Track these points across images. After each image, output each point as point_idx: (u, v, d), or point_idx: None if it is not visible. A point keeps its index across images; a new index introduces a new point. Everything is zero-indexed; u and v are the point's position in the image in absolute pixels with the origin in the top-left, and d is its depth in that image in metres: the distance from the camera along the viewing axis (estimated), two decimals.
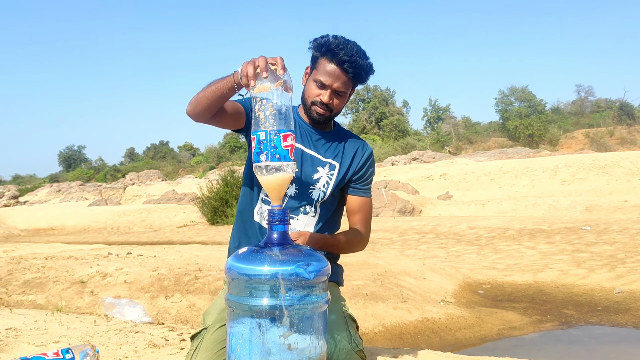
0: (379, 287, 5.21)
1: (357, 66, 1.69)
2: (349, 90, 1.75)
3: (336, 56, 1.67)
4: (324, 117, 1.76)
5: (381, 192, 16.53)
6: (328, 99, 1.72)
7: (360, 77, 1.72)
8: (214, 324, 1.62)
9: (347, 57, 1.67)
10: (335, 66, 1.69)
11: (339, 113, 1.81)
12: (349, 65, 1.68)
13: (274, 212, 1.33)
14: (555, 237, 8.70)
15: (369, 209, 1.87)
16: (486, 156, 34.35)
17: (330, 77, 1.69)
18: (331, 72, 1.69)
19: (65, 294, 4.97)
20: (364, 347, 1.71)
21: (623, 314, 4.85)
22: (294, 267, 1.24)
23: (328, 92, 1.71)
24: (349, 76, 1.70)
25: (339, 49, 1.67)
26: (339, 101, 1.75)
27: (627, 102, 49.68)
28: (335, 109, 1.76)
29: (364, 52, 1.71)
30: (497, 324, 4.71)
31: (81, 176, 50.93)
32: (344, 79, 1.70)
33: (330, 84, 1.70)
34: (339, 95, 1.74)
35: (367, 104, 55.98)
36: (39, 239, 15.73)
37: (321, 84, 1.71)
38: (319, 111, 1.74)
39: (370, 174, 1.88)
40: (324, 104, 1.73)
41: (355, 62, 1.68)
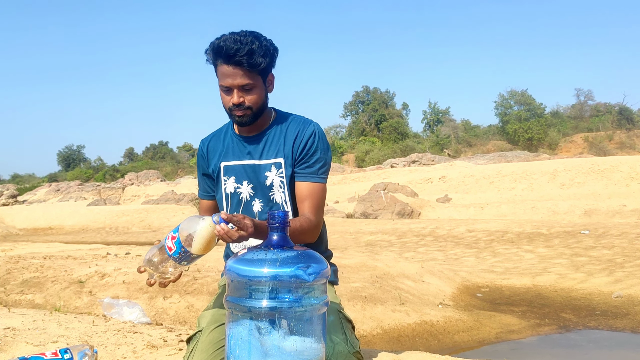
0: (377, 290, 5.21)
1: (246, 53, 1.61)
2: (257, 80, 1.67)
3: (223, 55, 1.63)
4: (248, 117, 1.70)
5: (380, 194, 16.53)
6: (237, 98, 1.67)
7: (256, 62, 1.63)
8: (209, 326, 1.62)
9: (231, 52, 1.61)
10: (226, 65, 1.64)
11: (263, 105, 1.73)
12: (239, 56, 1.62)
13: (274, 214, 1.34)
14: (553, 241, 8.70)
15: (318, 195, 1.72)
16: (485, 159, 34.38)
17: (228, 78, 1.65)
18: (226, 73, 1.65)
19: (64, 294, 4.96)
20: (362, 349, 1.72)
21: (621, 318, 4.86)
22: (294, 269, 1.25)
23: (235, 92, 1.66)
24: (243, 67, 1.63)
25: (220, 47, 1.63)
26: (251, 96, 1.68)
27: (626, 106, 49.80)
28: (253, 104, 1.69)
29: (252, 38, 1.64)
30: (496, 327, 4.71)
31: (80, 176, 50.90)
32: (240, 72, 1.64)
33: (231, 84, 1.66)
34: (248, 90, 1.67)
35: (367, 106, 56.01)
36: (37, 238, 15.72)
37: (226, 89, 1.68)
38: (238, 114, 1.69)
39: (314, 155, 1.73)
40: (237, 105, 1.67)
41: (241, 51, 1.61)
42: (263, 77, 1.70)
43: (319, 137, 1.74)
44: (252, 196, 1.76)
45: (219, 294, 1.82)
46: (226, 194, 1.79)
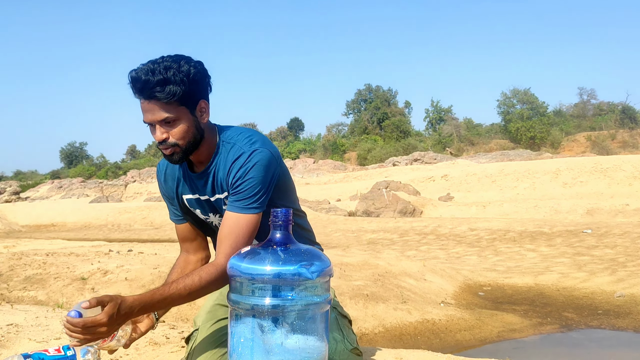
0: (379, 288, 5.21)
1: (155, 84, 1.42)
2: (179, 113, 1.47)
3: (135, 89, 1.46)
4: (178, 155, 1.51)
5: (382, 192, 16.53)
6: (160, 134, 1.48)
7: (171, 91, 1.43)
8: (205, 324, 1.62)
9: (140, 84, 1.44)
10: (142, 100, 1.47)
11: (194, 139, 1.52)
12: (146, 89, 1.44)
13: (277, 212, 1.34)
14: (556, 240, 8.69)
15: (236, 226, 1.48)
16: (487, 158, 34.33)
17: (147, 113, 1.47)
18: (144, 108, 1.48)
19: (66, 291, 4.97)
20: (364, 348, 1.72)
21: (623, 317, 4.85)
22: (297, 267, 1.25)
23: (156, 128, 1.48)
24: (160, 100, 1.44)
25: (133, 79, 1.46)
26: (175, 130, 1.48)
27: (629, 105, 49.67)
28: (179, 139, 1.49)
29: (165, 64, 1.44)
30: (497, 326, 4.71)
31: (82, 173, 50.99)
32: (156, 106, 1.45)
33: (151, 120, 1.47)
34: (169, 124, 1.47)
35: (369, 105, 55.96)
36: (40, 235, 15.76)
37: (149, 125, 1.50)
38: (166, 152, 1.51)
39: (239, 182, 1.49)
40: (161, 142, 1.49)
41: (149, 83, 1.43)
42: (189, 107, 1.49)
43: (247, 164, 1.49)
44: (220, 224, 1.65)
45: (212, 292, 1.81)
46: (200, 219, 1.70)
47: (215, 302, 1.70)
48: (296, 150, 52.18)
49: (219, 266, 1.44)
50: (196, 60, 1.51)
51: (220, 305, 1.68)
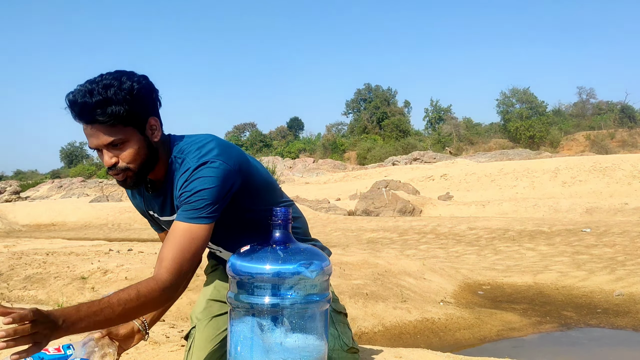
0: (379, 287, 5.22)
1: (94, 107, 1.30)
2: (126, 134, 1.36)
3: (74, 116, 1.34)
4: (131, 180, 1.42)
5: (382, 192, 16.54)
6: (109, 159, 1.37)
7: (113, 111, 1.31)
8: (202, 321, 1.62)
9: (77, 108, 1.32)
10: (84, 125, 1.35)
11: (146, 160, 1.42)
12: (84, 114, 1.32)
13: (277, 211, 1.34)
14: (555, 239, 8.70)
15: (182, 237, 1.34)
16: (487, 157, 34.35)
17: (90, 139, 1.37)
18: (87, 134, 1.37)
19: (66, 290, 4.98)
20: (363, 347, 1.72)
21: (622, 316, 4.86)
22: (296, 265, 1.25)
23: (103, 152, 1.38)
24: (102, 124, 1.32)
25: (70, 102, 1.34)
26: (124, 153, 1.37)
27: (628, 104, 49.72)
28: (130, 162, 1.39)
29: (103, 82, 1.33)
30: (497, 325, 4.72)
31: (83, 172, 50.96)
32: (100, 131, 1.34)
33: (95, 145, 1.37)
34: (117, 147, 1.37)
35: (369, 104, 55.97)
36: (40, 234, 15.75)
37: (95, 150, 1.39)
38: (119, 179, 1.41)
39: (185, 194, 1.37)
40: (112, 168, 1.39)
41: (86, 105, 1.30)
42: (137, 127, 1.37)
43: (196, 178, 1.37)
44: None
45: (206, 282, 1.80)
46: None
47: (209, 297, 1.68)
48: (296, 149, 52.18)
49: (159, 282, 1.29)
50: (140, 74, 1.39)
51: (214, 301, 1.67)
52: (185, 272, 1.34)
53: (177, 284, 1.33)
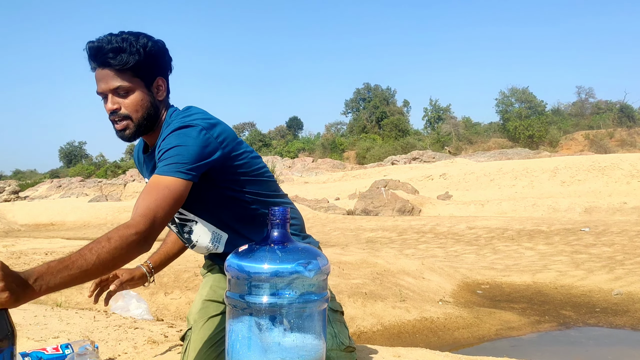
0: (377, 286, 5.22)
1: (110, 50, 1.42)
2: (134, 83, 1.46)
3: (90, 56, 1.45)
4: (130, 131, 1.48)
5: (381, 191, 16.55)
6: (111, 104, 1.46)
7: (123, 59, 1.43)
8: (197, 322, 1.61)
9: (95, 49, 1.43)
10: (97, 67, 1.46)
11: (148, 114, 1.49)
12: (100, 55, 1.43)
13: (275, 210, 1.34)
14: (554, 238, 8.71)
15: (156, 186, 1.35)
16: (486, 157, 34.37)
17: (100, 82, 1.46)
18: (97, 77, 1.46)
19: (65, 289, 4.98)
20: (362, 346, 1.72)
21: (621, 315, 4.86)
22: (294, 265, 1.25)
23: (108, 98, 1.46)
24: (114, 68, 1.43)
25: (87, 49, 1.46)
26: (128, 100, 1.46)
27: (627, 104, 49.81)
28: (131, 111, 1.47)
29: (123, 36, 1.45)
30: (495, 324, 4.72)
31: (82, 172, 50.94)
32: (110, 74, 1.44)
33: (103, 89, 1.46)
34: (121, 94, 1.46)
35: (368, 103, 55.99)
36: (39, 234, 15.75)
37: (101, 96, 1.48)
38: (118, 127, 1.48)
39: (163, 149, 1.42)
40: (113, 113, 1.46)
41: (102, 49, 1.43)
42: (145, 81, 1.48)
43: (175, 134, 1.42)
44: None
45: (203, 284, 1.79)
46: None
47: (205, 297, 1.68)
48: (295, 149, 52.18)
49: (132, 227, 1.25)
50: (158, 39, 1.50)
51: (210, 302, 1.66)
52: (158, 222, 1.30)
53: (150, 231, 1.28)
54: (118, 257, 1.22)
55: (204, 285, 1.77)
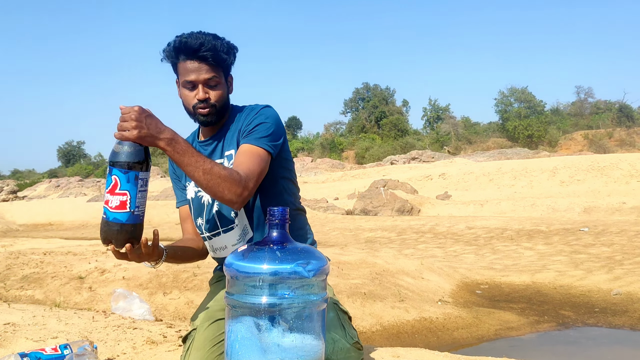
0: (377, 286, 5.22)
1: (210, 48, 1.63)
2: (221, 77, 1.68)
3: (187, 50, 1.64)
4: (212, 116, 1.69)
5: (380, 191, 16.55)
6: (202, 94, 1.65)
7: (220, 57, 1.65)
8: (203, 324, 1.62)
9: (196, 45, 1.62)
10: (192, 60, 1.64)
11: (225, 104, 1.72)
12: (203, 51, 1.63)
13: (274, 210, 1.34)
14: (553, 238, 8.71)
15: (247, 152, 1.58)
16: (485, 156, 34.39)
17: (193, 73, 1.64)
18: (191, 68, 1.65)
19: (64, 290, 4.97)
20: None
21: (620, 315, 4.86)
22: (293, 265, 1.25)
23: (200, 87, 1.66)
24: (208, 62, 1.64)
25: (184, 43, 1.63)
26: (215, 91, 1.67)
27: (626, 104, 49.83)
28: (217, 101, 1.68)
29: (214, 35, 1.66)
30: (495, 324, 4.72)
31: (80, 172, 50.90)
32: (206, 67, 1.64)
33: (195, 78, 1.65)
34: (212, 86, 1.67)
35: (367, 103, 55.99)
36: (37, 234, 15.73)
37: (191, 84, 1.66)
38: (203, 112, 1.67)
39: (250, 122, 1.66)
40: (202, 101, 1.66)
41: (205, 46, 1.63)
42: (225, 76, 1.70)
43: (265, 113, 1.68)
44: (213, 199, 1.71)
45: (210, 291, 1.82)
46: (187, 200, 1.81)
47: (214, 302, 1.70)
48: (294, 149, 52.16)
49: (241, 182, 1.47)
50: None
51: (218, 306, 1.68)
52: (253, 184, 1.52)
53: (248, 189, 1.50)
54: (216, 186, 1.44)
55: (212, 292, 1.80)
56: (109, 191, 1.35)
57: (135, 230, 1.39)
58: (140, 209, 1.38)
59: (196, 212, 1.79)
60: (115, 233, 1.36)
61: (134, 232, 1.38)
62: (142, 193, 1.37)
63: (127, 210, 1.35)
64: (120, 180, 1.34)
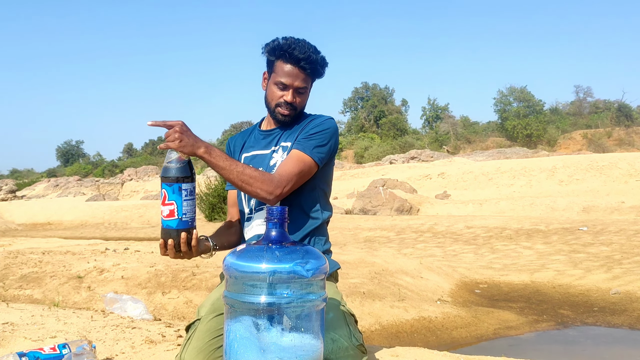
0: (376, 286, 5.22)
1: (312, 61, 1.78)
2: (309, 86, 1.83)
3: (291, 56, 1.76)
4: (290, 118, 1.83)
5: (379, 190, 16.54)
6: (292, 98, 1.79)
7: (317, 71, 1.81)
8: (207, 315, 1.64)
9: (302, 55, 1.76)
10: (292, 66, 1.77)
11: (303, 109, 1.87)
12: (305, 62, 1.77)
13: (273, 209, 1.34)
14: (552, 238, 8.72)
15: (294, 157, 1.73)
16: (484, 156, 34.39)
17: (290, 77, 1.78)
18: (290, 73, 1.78)
19: (62, 289, 4.96)
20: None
21: (619, 314, 4.87)
22: (292, 264, 1.25)
23: (290, 91, 1.79)
24: (307, 72, 1.79)
25: (292, 49, 1.76)
26: (300, 99, 1.82)
27: (625, 103, 49.78)
28: (299, 106, 1.83)
29: (315, 48, 1.80)
30: (494, 323, 4.72)
31: (79, 171, 50.86)
32: (302, 77, 1.79)
33: (290, 83, 1.78)
34: (300, 93, 1.81)
35: (366, 103, 55.96)
36: (36, 233, 15.72)
37: (283, 85, 1.79)
38: (284, 112, 1.81)
39: (310, 129, 1.80)
40: (288, 104, 1.80)
41: (310, 58, 1.77)
42: (311, 84, 1.86)
43: (327, 124, 1.81)
44: None
45: (220, 285, 1.84)
46: None
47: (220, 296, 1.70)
48: None
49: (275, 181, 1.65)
50: None
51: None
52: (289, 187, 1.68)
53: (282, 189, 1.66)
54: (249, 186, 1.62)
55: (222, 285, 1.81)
56: (161, 203, 1.55)
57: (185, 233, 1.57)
58: (187, 215, 1.56)
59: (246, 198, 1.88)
60: (169, 237, 1.57)
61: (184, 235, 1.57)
62: (187, 202, 1.55)
63: (176, 217, 1.54)
64: (167, 192, 1.53)
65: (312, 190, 1.83)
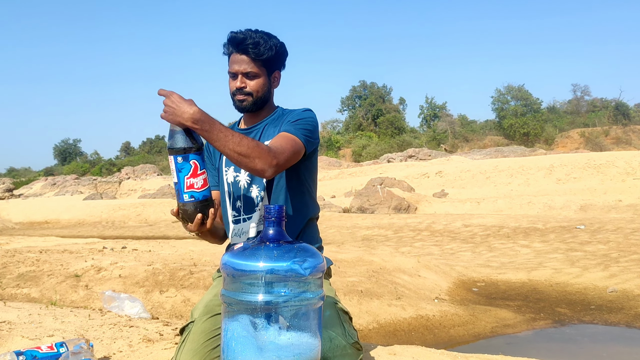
0: (373, 284, 5.22)
1: (251, 43, 1.77)
2: (261, 71, 1.80)
3: (232, 44, 1.79)
4: (248, 104, 1.82)
5: (377, 189, 16.54)
6: (240, 83, 1.80)
7: (259, 52, 1.77)
8: (201, 317, 1.64)
9: (239, 40, 1.77)
10: (235, 53, 1.80)
11: (264, 95, 1.83)
12: (245, 44, 1.77)
13: (270, 208, 1.34)
14: (549, 236, 8.73)
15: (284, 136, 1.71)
16: (482, 154, 34.42)
17: (234, 64, 1.80)
18: (234, 60, 1.80)
19: (60, 288, 4.95)
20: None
21: (616, 312, 4.88)
22: (290, 263, 1.24)
23: (238, 77, 1.80)
24: (250, 56, 1.78)
25: (232, 37, 1.79)
26: (253, 82, 1.81)
27: (622, 102, 49.83)
28: (254, 91, 1.81)
29: (262, 32, 1.80)
30: (491, 321, 4.73)
31: (76, 170, 50.72)
32: (247, 60, 1.78)
33: (236, 70, 1.80)
34: (251, 77, 1.80)
35: (364, 101, 55.93)
36: (33, 232, 15.68)
37: (232, 74, 1.82)
38: (239, 98, 1.82)
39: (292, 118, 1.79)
40: (239, 89, 1.81)
41: (248, 40, 1.77)
42: (268, 70, 1.82)
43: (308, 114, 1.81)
44: (249, 183, 1.82)
45: (213, 286, 1.85)
46: (227, 183, 1.88)
47: (215, 295, 1.72)
48: None
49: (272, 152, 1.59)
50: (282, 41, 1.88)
51: (218, 299, 1.69)
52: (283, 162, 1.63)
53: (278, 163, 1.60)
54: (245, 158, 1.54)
55: (215, 286, 1.82)
56: (191, 175, 1.51)
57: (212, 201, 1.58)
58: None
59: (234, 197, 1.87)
60: (206, 208, 1.55)
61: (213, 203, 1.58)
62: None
63: (208, 185, 1.55)
64: (198, 162, 1.51)
65: (300, 187, 1.84)
